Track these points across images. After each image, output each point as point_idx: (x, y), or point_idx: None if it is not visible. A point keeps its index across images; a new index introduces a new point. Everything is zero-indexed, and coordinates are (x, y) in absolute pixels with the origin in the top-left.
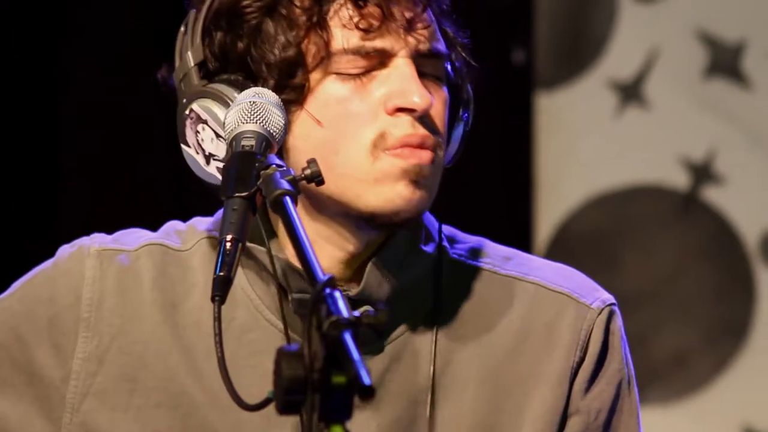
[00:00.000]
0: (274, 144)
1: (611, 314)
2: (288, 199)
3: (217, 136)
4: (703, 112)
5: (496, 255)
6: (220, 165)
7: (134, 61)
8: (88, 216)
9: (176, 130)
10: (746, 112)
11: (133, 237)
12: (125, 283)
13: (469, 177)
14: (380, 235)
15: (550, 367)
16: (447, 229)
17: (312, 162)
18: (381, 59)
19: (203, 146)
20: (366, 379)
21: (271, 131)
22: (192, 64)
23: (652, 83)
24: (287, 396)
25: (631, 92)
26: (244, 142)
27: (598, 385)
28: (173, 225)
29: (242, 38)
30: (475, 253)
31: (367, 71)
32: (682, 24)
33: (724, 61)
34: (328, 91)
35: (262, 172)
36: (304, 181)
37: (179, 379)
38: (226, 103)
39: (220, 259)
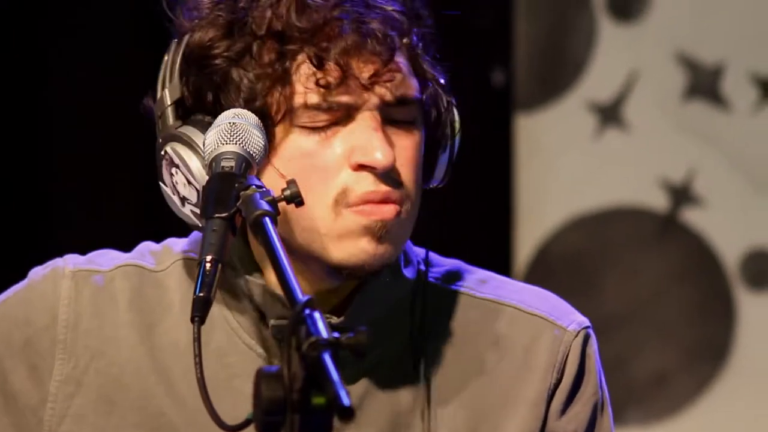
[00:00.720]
0: (253, 165)
1: (587, 337)
2: (267, 219)
3: (189, 182)
4: (682, 134)
5: (472, 278)
6: (195, 209)
7: (124, 67)
8: (78, 224)
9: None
10: (725, 135)
11: (107, 258)
12: (101, 304)
13: (449, 198)
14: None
15: (527, 389)
16: (423, 253)
17: (291, 183)
18: (346, 112)
19: (177, 189)
20: (345, 400)
21: (251, 152)
22: (168, 102)
23: (631, 105)
24: (267, 417)
25: (610, 114)
26: (223, 163)
27: (574, 407)
28: (147, 246)
29: (211, 84)
30: (452, 276)
31: (332, 124)
32: (661, 46)
33: (704, 84)
34: (292, 145)
35: (242, 193)
36: (283, 202)
37: (157, 400)
38: (195, 151)
39: (199, 280)
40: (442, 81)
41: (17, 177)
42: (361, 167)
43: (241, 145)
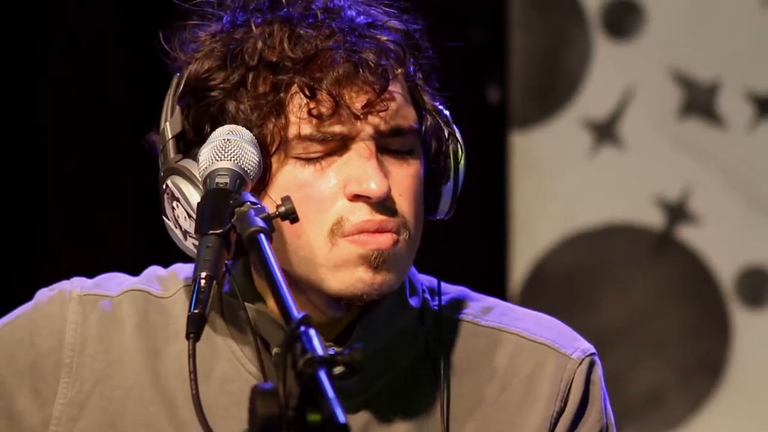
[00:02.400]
0: (248, 181)
1: (592, 364)
2: (262, 236)
3: (189, 216)
4: (677, 152)
5: (476, 306)
6: (196, 242)
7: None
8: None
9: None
10: (721, 152)
11: (115, 282)
12: (107, 329)
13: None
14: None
15: (531, 417)
16: (427, 280)
17: (286, 199)
18: (341, 143)
19: (179, 222)
20: (341, 417)
21: (246, 168)
22: (170, 136)
23: (626, 123)
24: None
25: (605, 132)
26: (218, 180)
27: None
28: (154, 270)
29: (208, 116)
30: (456, 304)
31: (327, 155)
32: (656, 64)
33: (699, 101)
34: (288, 176)
35: (237, 209)
36: (278, 218)
37: (159, 426)
38: (194, 184)
39: (194, 297)
40: (443, 111)
41: (10, 191)
42: (356, 197)
43: (236, 161)
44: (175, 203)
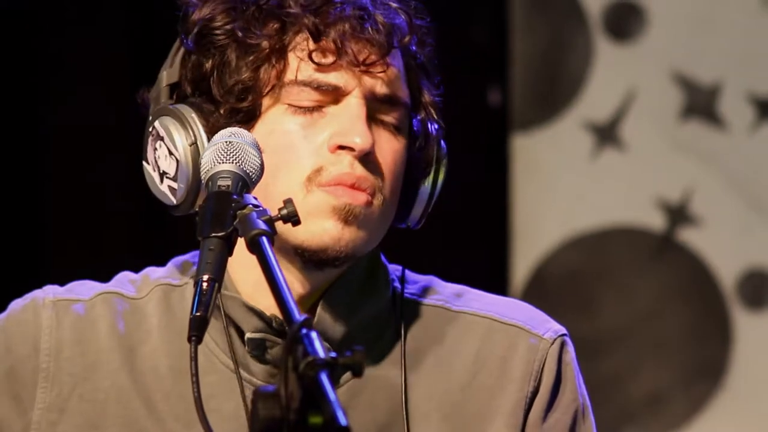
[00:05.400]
0: (250, 184)
1: (563, 344)
2: (265, 239)
3: (170, 153)
4: (679, 154)
5: (446, 292)
6: (172, 184)
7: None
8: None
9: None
10: (722, 154)
11: (86, 287)
12: (82, 332)
13: (445, 218)
14: (328, 278)
15: (505, 399)
16: (398, 269)
17: (288, 202)
18: (334, 96)
19: (158, 163)
20: (342, 420)
21: (248, 171)
22: (164, 84)
23: (628, 125)
24: None
25: (607, 134)
26: (220, 182)
27: (553, 414)
28: (126, 275)
29: (208, 60)
30: (427, 291)
31: (319, 106)
32: (658, 66)
33: (701, 103)
34: (275, 120)
35: (239, 212)
36: (280, 220)
37: (140, 423)
38: (182, 122)
39: (196, 299)
40: (436, 107)
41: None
42: (339, 148)
43: (238, 164)
44: (158, 143)
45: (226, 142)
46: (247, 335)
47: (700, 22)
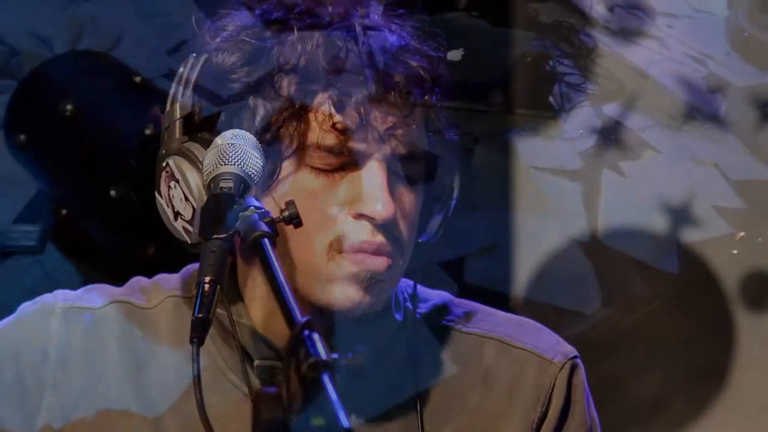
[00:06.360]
0: (252, 186)
1: (573, 368)
2: (266, 241)
3: (186, 198)
4: (681, 155)
5: (458, 312)
6: (187, 226)
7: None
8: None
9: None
10: (725, 155)
11: (98, 294)
12: (91, 342)
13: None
14: None
15: (513, 423)
16: (409, 285)
17: (290, 204)
18: (355, 158)
19: (173, 202)
20: (345, 422)
21: (250, 173)
22: (178, 116)
23: (630, 126)
24: None
25: (609, 135)
26: (222, 184)
27: None
28: (138, 281)
29: (225, 107)
30: (439, 311)
31: (340, 168)
32: (661, 66)
33: (703, 104)
34: (297, 182)
35: (241, 214)
36: (282, 222)
37: None
38: (198, 169)
39: (198, 301)
40: (454, 140)
41: None
42: (360, 216)
43: (240, 166)
44: (172, 183)
45: (229, 144)
46: (256, 362)
47: (701, 23)
